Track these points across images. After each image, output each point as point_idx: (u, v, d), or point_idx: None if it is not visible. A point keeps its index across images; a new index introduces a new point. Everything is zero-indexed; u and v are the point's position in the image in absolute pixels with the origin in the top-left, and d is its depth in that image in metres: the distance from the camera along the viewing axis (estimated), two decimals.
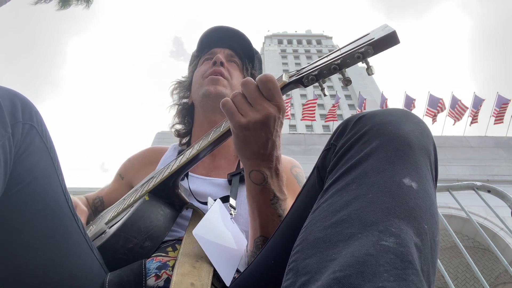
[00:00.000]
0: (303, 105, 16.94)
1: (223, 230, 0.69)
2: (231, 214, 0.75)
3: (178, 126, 1.11)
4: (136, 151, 1.16)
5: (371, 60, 0.56)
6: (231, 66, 1.05)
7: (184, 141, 1.10)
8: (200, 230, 0.63)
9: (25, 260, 0.52)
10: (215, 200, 0.74)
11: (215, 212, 0.69)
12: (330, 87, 40.36)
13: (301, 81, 0.62)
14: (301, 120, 17.20)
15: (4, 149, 0.47)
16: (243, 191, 0.89)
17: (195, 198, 0.86)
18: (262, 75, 0.64)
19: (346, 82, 0.58)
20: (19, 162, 0.51)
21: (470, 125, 14.35)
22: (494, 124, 13.81)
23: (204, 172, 0.98)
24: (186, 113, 1.10)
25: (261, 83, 0.63)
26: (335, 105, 16.48)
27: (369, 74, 0.57)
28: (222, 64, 1.01)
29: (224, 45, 1.07)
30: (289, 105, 18.08)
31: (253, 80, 0.64)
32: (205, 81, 1.00)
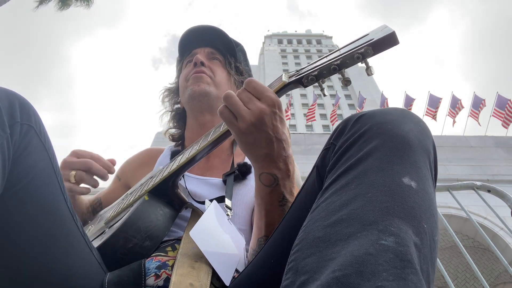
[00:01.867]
0: (308, 110, 16.96)
1: (220, 231, 0.68)
2: (227, 215, 0.75)
3: (172, 131, 1.12)
4: (134, 152, 1.17)
5: (371, 60, 0.56)
6: (213, 64, 1.05)
7: (179, 143, 1.11)
8: (197, 231, 0.63)
9: (24, 260, 0.52)
10: (211, 201, 0.73)
11: (212, 214, 0.69)
12: (330, 87, 40.40)
13: (300, 82, 0.62)
14: (307, 122, 17.22)
15: (2, 150, 0.47)
16: (237, 190, 0.90)
17: (193, 198, 0.86)
18: (245, 80, 0.66)
19: (346, 82, 0.58)
20: (18, 162, 0.51)
21: (480, 125, 14.27)
22: (507, 128, 13.73)
23: (199, 172, 0.99)
24: (180, 117, 1.12)
25: (246, 86, 0.65)
26: (335, 107, 16.48)
27: (368, 75, 0.57)
28: (202, 63, 1.01)
29: (204, 44, 1.07)
30: (289, 105, 18.10)
31: (245, 87, 0.66)
32: (189, 82, 1.01)
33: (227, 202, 0.80)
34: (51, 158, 0.57)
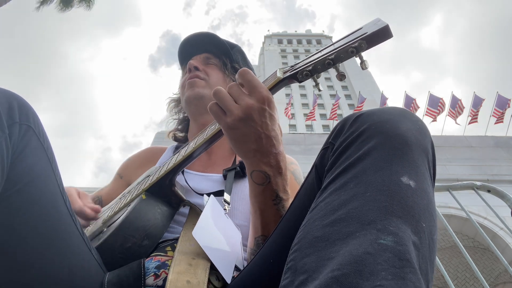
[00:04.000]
0: (309, 113, 17.00)
1: (219, 227, 0.68)
2: (225, 209, 0.75)
3: (176, 132, 1.15)
4: (135, 151, 1.18)
5: (365, 54, 0.57)
6: (209, 67, 1.07)
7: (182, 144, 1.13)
8: (199, 231, 0.63)
9: (23, 260, 0.52)
10: (209, 195, 0.74)
11: (210, 210, 0.69)
12: (330, 87, 40.41)
13: (295, 77, 0.62)
14: (306, 120, 17.25)
15: (1, 150, 0.47)
16: (238, 186, 0.91)
17: (195, 192, 0.86)
18: (240, 69, 0.65)
19: (341, 76, 0.58)
20: (17, 163, 0.50)
21: (468, 124, 14.38)
22: (495, 124, 13.85)
23: (201, 168, 1.00)
24: (187, 124, 1.15)
25: (240, 77, 0.64)
26: (335, 104, 16.50)
27: (363, 69, 0.57)
28: (196, 68, 1.04)
29: (199, 52, 1.10)
30: (289, 105, 18.12)
31: (235, 83, 0.66)
32: (185, 89, 1.04)
33: (226, 196, 0.80)
34: (50, 159, 0.57)
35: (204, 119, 1.03)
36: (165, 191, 0.76)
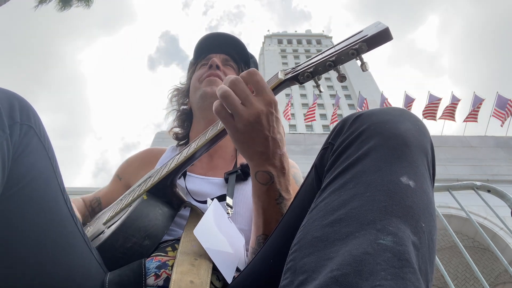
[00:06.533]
0: (308, 110, 17.01)
1: (221, 230, 0.69)
2: (228, 213, 0.75)
3: (177, 130, 1.14)
4: (134, 152, 1.17)
5: (365, 56, 0.57)
6: (227, 69, 1.07)
7: (181, 143, 1.13)
8: (200, 230, 0.63)
9: (24, 260, 0.52)
10: (212, 199, 0.74)
11: (213, 212, 0.70)
12: (330, 87, 40.42)
13: (296, 78, 0.63)
14: (305, 122, 17.27)
15: (2, 150, 0.47)
16: (240, 190, 0.91)
17: (192, 197, 0.86)
18: (248, 70, 0.65)
19: (341, 78, 0.59)
20: (18, 163, 0.50)
21: (463, 121, 14.42)
22: (501, 126, 13.85)
23: (202, 171, 0.99)
24: (185, 118, 1.14)
25: (250, 76, 0.64)
26: (336, 107, 16.51)
27: (363, 70, 0.58)
28: (218, 67, 1.03)
29: (220, 51, 1.10)
30: (289, 105, 18.13)
31: (241, 79, 0.64)
32: (202, 83, 1.03)
33: (228, 200, 0.81)
34: (51, 159, 0.57)
35: (213, 116, 1.02)
36: (166, 192, 0.76)
